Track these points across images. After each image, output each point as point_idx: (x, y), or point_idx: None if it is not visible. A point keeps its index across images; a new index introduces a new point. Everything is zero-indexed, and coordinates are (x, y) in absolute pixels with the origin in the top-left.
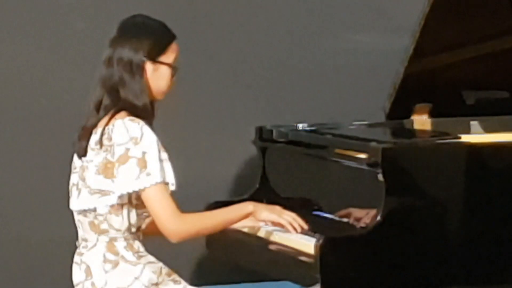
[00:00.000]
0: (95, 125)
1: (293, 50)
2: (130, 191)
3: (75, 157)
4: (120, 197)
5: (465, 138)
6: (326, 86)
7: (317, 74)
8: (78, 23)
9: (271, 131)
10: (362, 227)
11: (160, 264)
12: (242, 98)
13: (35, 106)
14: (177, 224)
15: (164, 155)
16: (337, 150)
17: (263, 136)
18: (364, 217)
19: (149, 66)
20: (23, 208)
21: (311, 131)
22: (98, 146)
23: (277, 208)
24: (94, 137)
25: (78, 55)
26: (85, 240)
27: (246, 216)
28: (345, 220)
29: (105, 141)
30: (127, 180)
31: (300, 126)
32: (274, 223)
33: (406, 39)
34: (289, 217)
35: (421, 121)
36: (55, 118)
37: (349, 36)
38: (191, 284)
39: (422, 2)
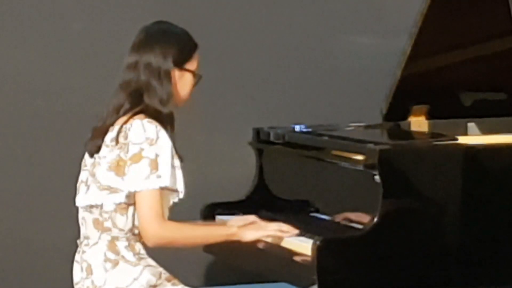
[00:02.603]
0: (112, 124)
1: (290, 52)
2: (138, 190)
3: (86, 155)
4: (128, 196)
5: (462, 139)
6: (323, 87)
7: (314, 75)
8: (75, 24)
9: (268, 133)
10: (359, 229)
11: (160, 269)
12: (239, 99)
13: (30, 107)
14: (156, 228)
15: (177, 162)
16: (334, 152)
17: (260, 137)
18: (361, 218)
19: (176, 73)
20: (25, 209)
21: (308, 132)
22: (113, 143)
23: (260, 223)
24: (110, 134)
25: (75, 56)
26: (87, 238)
27: (229, 237)
28: (342, 221)
29: (121, 139)
30: (137, 179)
31: (297, 127)
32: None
33: (403, 41)
34: (274, 226)
35: (418, 123)
36: (52, 119)
37: (346, 37)
38: (189, 285)
39: (419, 4)
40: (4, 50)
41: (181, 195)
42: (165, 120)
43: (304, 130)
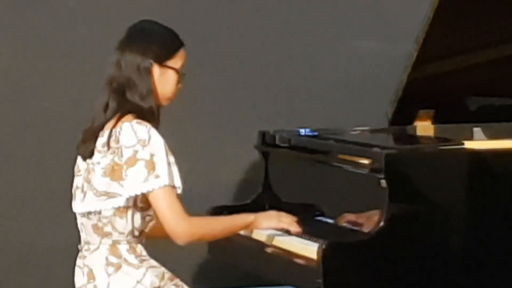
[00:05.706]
0: (101, 127)
1: (296, 56)
2: (139, 193)
3: (79, 159)
4: (128, 199)
5: (468, 144)
6: (329, 91)
7: (320, 79)
8: (82, 27)
9: (274, 136)
10: (364, 233)
11: (163, 269)
12: (245, 103)
13: (37, 110)
14: (185, 227)
15: (172, 159)
16: (340, 156)
17: (266, 141)
18: (367, 222)
19: (156, 70)
20: (26, 213)
21: (313, 136)
22: (105, 148)
23: (273, 213)
24: (101, 139)
25: (82, 59)
26: (88, 243)
27: (248, 225)
28: (347, 225)
29: (112, 143)
30: (136, 182)
31: (303, 131)
32: (276, 229)
33: (409, 45)
34: (288, 219)
35: (424, 127)
36: (57, 122)
37: (352, 42)
38: None
39: (426, 8)
40: (8, 53)
41: (179, 191)
42: (148, 116)
43: (310, 133)
